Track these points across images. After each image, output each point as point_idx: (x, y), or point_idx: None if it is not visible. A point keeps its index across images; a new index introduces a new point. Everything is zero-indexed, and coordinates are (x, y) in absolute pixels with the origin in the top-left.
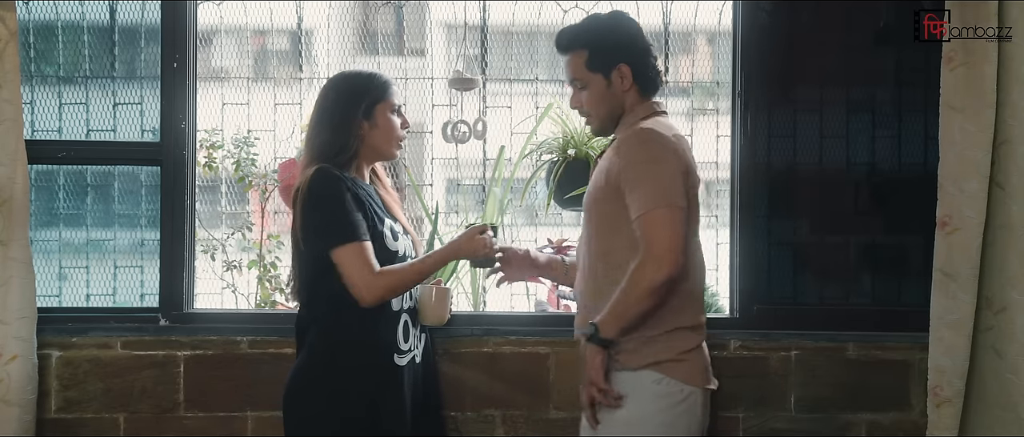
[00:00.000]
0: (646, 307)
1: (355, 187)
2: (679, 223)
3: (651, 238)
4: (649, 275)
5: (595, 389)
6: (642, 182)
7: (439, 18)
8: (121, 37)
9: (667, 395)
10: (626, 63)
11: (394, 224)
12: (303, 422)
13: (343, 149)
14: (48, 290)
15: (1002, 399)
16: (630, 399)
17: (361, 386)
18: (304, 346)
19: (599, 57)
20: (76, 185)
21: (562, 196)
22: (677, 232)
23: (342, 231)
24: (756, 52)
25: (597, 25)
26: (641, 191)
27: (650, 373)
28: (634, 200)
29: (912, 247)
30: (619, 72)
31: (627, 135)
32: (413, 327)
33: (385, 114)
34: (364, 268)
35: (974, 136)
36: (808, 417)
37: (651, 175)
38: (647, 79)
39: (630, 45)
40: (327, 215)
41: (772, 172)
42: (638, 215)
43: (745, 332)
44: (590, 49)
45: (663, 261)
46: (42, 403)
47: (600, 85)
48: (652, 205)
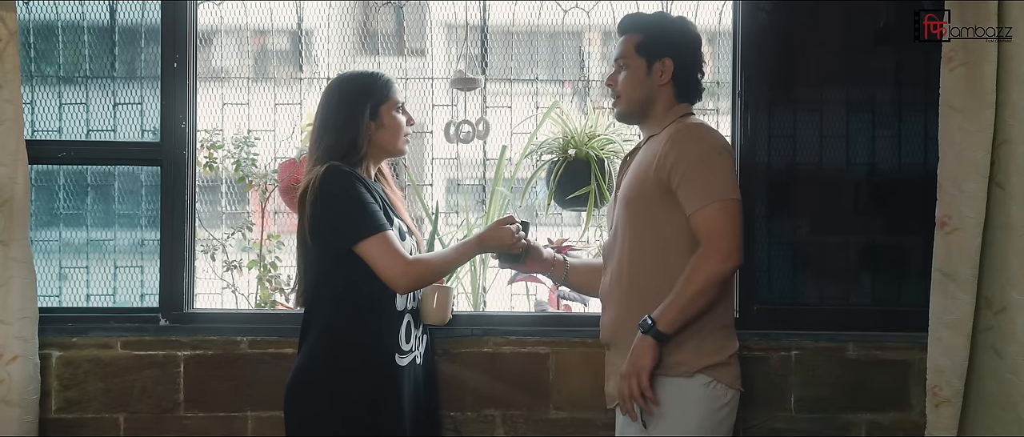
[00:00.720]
0: (708, 300)
1: (367, 184)
2: (739, 216)
3: (715, 231)
4: (715, 268)
5: (637, 383)
6: (700, 176)
7: (439, 18)
8: (121, 37)
9: (715, 398)
10: (671, 59)
11: (401, 224)
12: (304, 422)
13: (352, 150)
14: (48, 290)
15: (1002, 399)
16: (681, 404)
17: (362, 386)
18: (305, 346)
19: (649, 44)
20: (76, 185)
21: (562, 196)
22: (738, 225)
23: (365, 224)
24: (756, 52)
25: (660, 18)
26: (700, 185)
27: (702, 377)
28: (692, 194)
29: (912, 247)
30: (662, 65)
31: (679, 130)
32: (415, 328)
33: (391, 113)
34: (396, 256)
35: (974, 136)
36: (808, 417)
37: (710, 168)
38: (686, 83)
39: (682, 46)
40: (346, 210)
41: (772, 172)
42: (698, 209)
43: (745, 332)
44: (644, 34)
45: (729, 254)
46: (42, 403)
47: (641, 70)
48: (712, 198)
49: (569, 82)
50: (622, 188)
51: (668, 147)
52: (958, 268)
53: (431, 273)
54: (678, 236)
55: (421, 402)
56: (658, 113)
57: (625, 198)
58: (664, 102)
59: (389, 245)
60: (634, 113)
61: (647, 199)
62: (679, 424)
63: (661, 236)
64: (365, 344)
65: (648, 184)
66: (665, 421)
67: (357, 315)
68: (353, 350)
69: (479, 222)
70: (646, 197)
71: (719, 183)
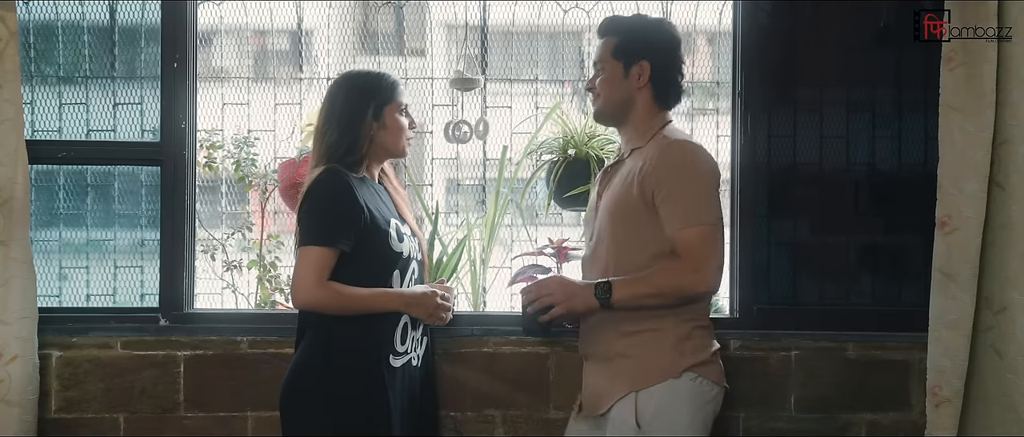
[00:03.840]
0: (664, 304)
1: (362, 187)
2: (721, 242)
3: (696, 253)
4: (689, 284)
5: (557, 311)
6: (685, 196)
7: (439, 18)
8: (121, 37)
9: (701, 394)
10: (648, 62)
11: (401, 225)
12: (298, 423)
13: (352, 149)
14: (48, 290)
15: (1002, 399)
16: (671, 402)
17: (354, 387)
18: (300, 346)
19: (626, 47)
20: (76, 185)
21: (562, 196)
22: (720, 251)
23: (315, 232)
24: (756, 52)
25: (638, 21)
26: (682, 206)
27: (689, 374)
28: (674, 213)
29: (912, 247)
30: (640, 68)
31: (668, 147)
32: (413, 329)
33: (393, 115)
34: (311, 273)
35: (974, 136)
36: (808, 417)
37: (695, 189)
38: (664, 88)
39: (659, 49)
40: (315, 215)
41: (772, 172)
42: (680, 228)
43: (745, 332)
44: (621, 37)
45: (708, 278)
46: (42, 403)
47: (618, 73)
48: (697, 221)
49: (569, 82)
50: (606, 199)
51: (655, 163)
52: (958, 268)
53: (337, 304)
54: (661, 251)
55: (417, 404)
56: (638, 119)
57: (609, 210)
58: (644, 106)
59: (314, 260)
60: (611, 114)
61: (631, 212)
62: (671, 423)
63: (645, 250)
64: (358, 345)
65: (632, 198)
66: (658, 421)
67: (350, 316)
68: (346, 351)
69: (479, 222)
70: (630, 210)
71: (703, 207)
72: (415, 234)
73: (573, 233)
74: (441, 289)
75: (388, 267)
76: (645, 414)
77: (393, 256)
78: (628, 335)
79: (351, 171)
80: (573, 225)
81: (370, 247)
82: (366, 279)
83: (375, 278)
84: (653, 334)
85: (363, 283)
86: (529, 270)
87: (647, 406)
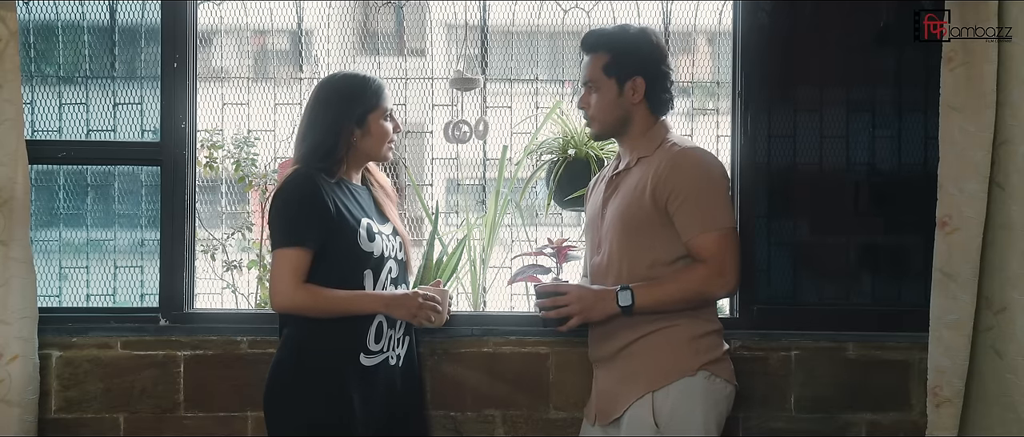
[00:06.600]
0: (686, 308)
1: (335, 189)
2: (737, 246)
3: (720, 257)
4: (713, 288)
5: (574, 320)
6: (701, 201)
7: (439, 18)
8: (121, 37)
9: (715, 392)
10: (642, 77)
11: (374, 224)
12: (277, 421)
13: (330, 153)
14: (48, 290)
15: (1002, 399)
16: (687, 400)
17: (326, 386)
18: (279, 345)
19: (618, 64)
20: (76, 185)
21: (562, 196)
22: (737, 255)
23: (284, 233)
24: (756, 52)
25: (624, 34)
26: (699, 212)
27: (704, 372)
28: (691, 220)
29: (912, 247)
30: (633, 84)
31: (680, 154)
32: (391, 328)
33: (378, 121)
34: (287, 275)
35: (974, 136)
36: (808, 417)
37: (711, 195)
38: (659, 99)
39: (651, 62)
40: (281, 215)
41: (772, 172)
42: (697, 234)
43: (745, 332)
44: (612, 54)
45: (731, 281)
46: (42, 403)
47: (612, 91)
48: (715, 225)
49: (569, 82)
50: (613, 208)
51: (668, 171)
52: (959, 268)
53: (316, 306)
54: (662, 259)
55: (398, 404)
56: (637, 131)
57: (619, 218)
58: (641, 119)
59: (289, 262)
60: (610, 133)
61: (644, 222)
62: (686, 421)
63: (659, 259)
64: (327, 344)
65: (644, 207)
66: (674, 420)
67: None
68: (315, 351)
69: (479, 222)
70: (643, 220)
71: (720, 211)
72: (398, 234)
73: (573, 233)
74: (433, 291)
75: (357, 266)
76: (662, 413)
77: (362, 255)
78: (642, 336)
79: (327, 175)
80: (573, 225)
81: (336, 246)
82: (335, 278)
83: (345, 277)
84: (667, 334)
85: (332, 283)
86: (529, 270)
87: (664, 405)
